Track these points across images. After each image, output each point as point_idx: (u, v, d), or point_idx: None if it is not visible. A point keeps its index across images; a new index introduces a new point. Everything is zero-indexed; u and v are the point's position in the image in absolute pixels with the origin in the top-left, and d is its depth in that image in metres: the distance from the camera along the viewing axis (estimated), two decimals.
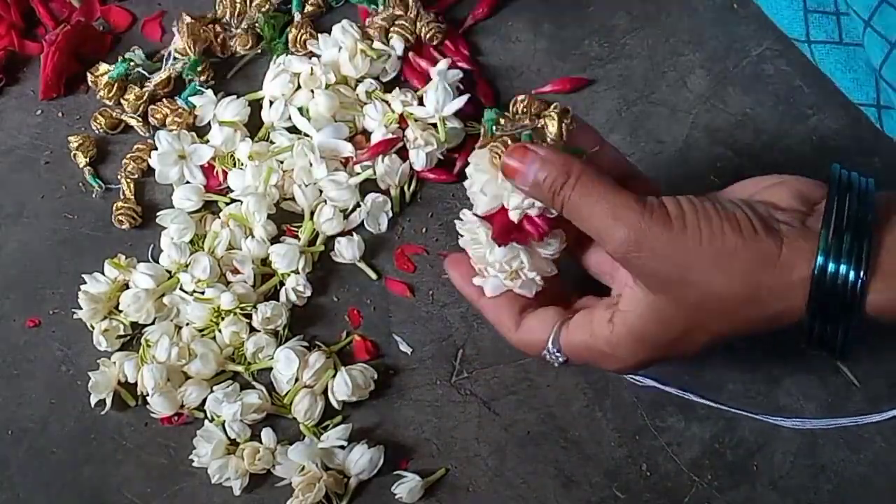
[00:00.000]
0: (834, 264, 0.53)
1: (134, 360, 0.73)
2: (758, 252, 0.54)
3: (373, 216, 0.77)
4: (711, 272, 0.55)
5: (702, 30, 0.82)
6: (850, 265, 0.53)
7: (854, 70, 0.76)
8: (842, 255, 0.53)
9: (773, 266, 0.54)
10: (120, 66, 0.82)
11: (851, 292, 0.53)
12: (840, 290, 0.53)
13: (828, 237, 0.54)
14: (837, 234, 0.53)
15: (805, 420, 0.69)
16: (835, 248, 0.53)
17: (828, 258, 0.53)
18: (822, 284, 0.54)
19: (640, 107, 0.80)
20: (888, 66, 0.69)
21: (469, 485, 0.70)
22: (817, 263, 0.53)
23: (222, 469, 0.69)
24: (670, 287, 0.56)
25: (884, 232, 0.54)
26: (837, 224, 0.54)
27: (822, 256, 0.53)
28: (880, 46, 0.69)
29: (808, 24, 0.77)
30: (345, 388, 0.71)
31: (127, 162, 0.81)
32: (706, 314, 0.56)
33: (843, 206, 0.54)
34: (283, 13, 0.86)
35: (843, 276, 0.53)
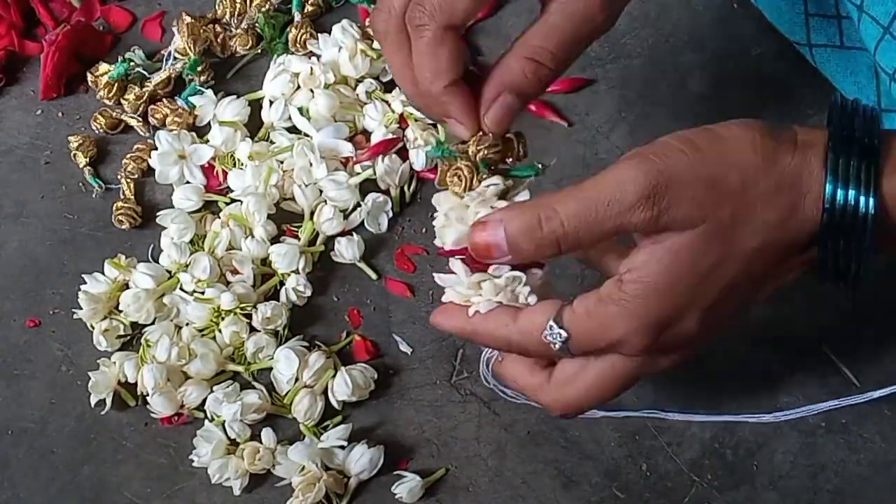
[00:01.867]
0: (843, 190, 0.51)
1: (134, 360, 0.72)
2: (773, 132, 0.52)
3: (373, 216, 0.77)
4: (733, 176, 0.52)
5: (702, 30, 0.82)
6: (858, 188, 0.51)
7: (855, 73, 0.76)
8: (849, 179, 0.51)
9: (790, 144, 0.52)
10: (120, 66, 0.82)
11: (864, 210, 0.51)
12: (851, 210, 0.51)
13: (837, 163, 0.51)
14: (844, 159, 0.51)
15: (791, 412, 0.69)
16: (843, 172, 0.51)
17: (836, 183, 0.51)
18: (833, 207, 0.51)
19: (640, 107, 0.80)
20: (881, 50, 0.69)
21: (469, 485, 0.70)
22: (826, 189, 0.51)
23: (222, 469, 0.69)
24: (706, 206, 0.52)
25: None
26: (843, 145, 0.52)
27: (830, 183, 0.51)
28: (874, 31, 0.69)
29: (809, 27, 0.77)
30: (345, 388, 0.71)
31: (127, 162, 0.81)
32: (738, 231, 0.52)
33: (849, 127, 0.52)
34: (283, 13, 0.86)
35: (853, 197, 0.51)
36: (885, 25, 0.67)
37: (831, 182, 0.51)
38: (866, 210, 0.51)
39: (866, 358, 0.71)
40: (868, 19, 0.68)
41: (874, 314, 0.72)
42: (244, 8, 0.86)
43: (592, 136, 0.79)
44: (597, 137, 0.79)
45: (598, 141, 0.79)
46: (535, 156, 0.79)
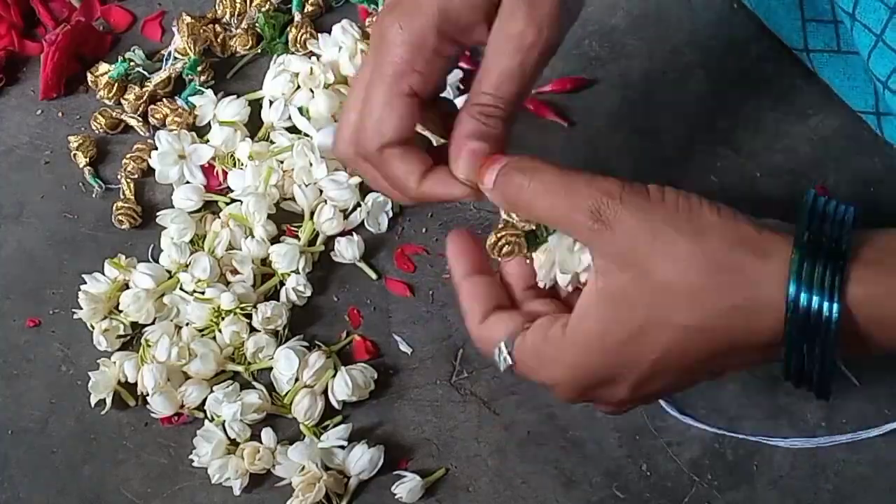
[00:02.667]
0: (806, 294, 0.49)
1: (134, 360, 0.73)
2: (735, 231, 0.51)
3: (373, 216, 0.77)
4: (684, 244, 0.50)
5: (702, 30, 0.82)
6: (822, 296, 0.49)
7: (852, 78, 0.76)
8: (813, 285, 0.49)
9: (748, 247, 0.50)
10: (120, 66, 0.82)
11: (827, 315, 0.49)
12: (815, 315, 0.49)
13: (801, 263, 0.49)
14: (810, 261, 0.49)
15: (797, 440, 0.69)
16: (807, 276, 0.49)
17: (799, 288, 0.49)
18: (797, 308, 0.50)
19: (640, 107, 0.80)
20: None
21: (469, 485, 0.70)
22: (789, 291, 0.49)
23: (222, 469, 0.69)
24: (636, 259, 0.51)
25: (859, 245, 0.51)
26: (810, 249, 0.50)
27: (793, 285, 0.49)
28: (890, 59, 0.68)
29: (806, 33, 0.77)
30: (345, 388, 0.71)
31: (127, 162, 0.81)
32: (672, 297, 0.51)
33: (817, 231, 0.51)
34: (283, 13, 0.86)
35: (816, 304, 0.49)
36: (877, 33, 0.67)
37: (794, 284, 0.49)
38: (830, 315, 0.49)
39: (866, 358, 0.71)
40: (860, 27, 0.68)
41: None
42: (244, 8, 0.86)
43: (592, 136, 0.79)
44: (597, 137, 0.79)
45: (598, 141, 0.79)
46: None
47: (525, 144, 0.79)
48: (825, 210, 0.52)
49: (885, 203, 0.75)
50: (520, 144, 0.79)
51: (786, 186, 0.76)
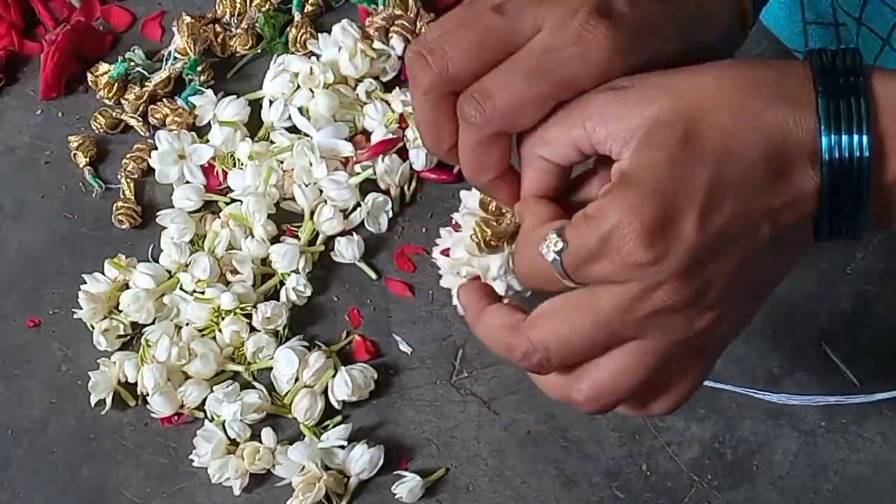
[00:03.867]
0: (836, 136, 0.47)
1: (134, 360, 0.73)
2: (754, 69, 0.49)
3: (373, 216, 0.77)
4: (709, 68, 0.48)
5: None
6: (852, 133, 0.47)
7: None
8: (841, 120, 0.47)
9: (771, 67, 0.49)
10: (120, 66, 0.82)
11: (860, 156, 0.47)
12: (848, 153, 0.47)
13: (827, 104, 0.47)
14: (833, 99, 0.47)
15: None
16: (834, 114, 0.47)
17: (829, 126, 0.47)
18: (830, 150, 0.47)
19: None
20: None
21: (469, 485, 0.70)
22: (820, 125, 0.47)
23: (222, 469, 0.69)
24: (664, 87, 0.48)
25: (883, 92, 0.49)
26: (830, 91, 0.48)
27: (824, 129, 0.47)
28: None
29: (807, 35, 0.77)
30: (345, 388, 0.71)
31: (127, 162, 0.81)
32: (712, 101, 0.48)
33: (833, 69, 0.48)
34: (283, 13, 0.86)
35: (847, 142, 0.47)
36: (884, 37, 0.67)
37: (825, 127, 0.47)
38: (861, 148, 0.47)
39: (866, 358, 0.71)
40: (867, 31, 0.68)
41: (874, 314, 0.72)
42: (244, 8, 0.86)
43: None
44: None
45: None
46: None
47: None
48: (833, 55, 0.49)
49: None
50: None
51: None
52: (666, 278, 0.48)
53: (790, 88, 0.48)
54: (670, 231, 0.47)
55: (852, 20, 0.68)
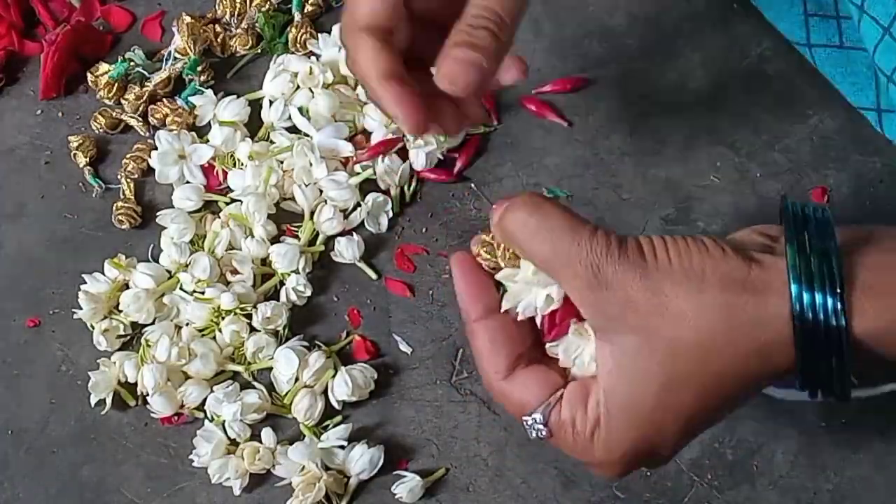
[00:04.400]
0: (808, 293, 0.48)
1: (134, 360, 0.73)
2: (728, 270, 0.49)
3: (373, 216, 0.77)
4: (684, 298, 0.49)
5: (702, 30, 0.82)
6: (824, 290, 0.48)
7: (854, 74, 0.76)
8: (814, 280, 0.48)
9: (743, 286, 0.49)
10: (120, 66, 0.82)
11: (834, 318, 0.48)
12: (822, 317, 0.48)
13: (796, 261, 0.48)
14: (804, 259, 0.48)
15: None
16: (805, 273, 0.48)
17: (801, 286, 0.48)
18: (803, 313, 0.48)
19: (640, 107, 0.80)
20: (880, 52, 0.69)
21: (469, 485, 0.70)
22: (792, 292, 0.48)
23: (222, 469, 0.69)
24: (639, 320, 0.49)
25: (857, 255, 0.49)
26: (801, 248, 0.49)
27: (795, 284, 0.48)
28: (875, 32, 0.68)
29: (809, 27, 0.77)
30: (345, 388, 0.71)
31: (127, 162, 0.81)
32: (686, 351, 0.49)
33: (801, 232, 0.49)
34: (283, 13, 0.86)
35: (821, 303, 0.48)
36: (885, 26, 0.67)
37: (795, 284, 0.48)
38: (835, 311, 0.48)
39: None
40: (868, 20, 0.68)
41: None
42: (244, 8, 0.86)
43: (592, 136, 0.79)
44: (597, 137, 0.79)
45: (598, 141, 0.79)
46: (536, 156, 0.79)
47: (525, 144, 0.79)
48: (804, 213, 0.51)
49: (885, 203, 0.75)
50: (520, 144, 0.80)
51: (786, 186, 0.76)
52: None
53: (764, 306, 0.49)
54: (650, 457, 0.53)
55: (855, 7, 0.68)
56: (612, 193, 0.77)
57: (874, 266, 0.49)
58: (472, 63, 0.55)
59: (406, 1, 0.58)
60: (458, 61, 0.55)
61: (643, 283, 0.49)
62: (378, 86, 0.57)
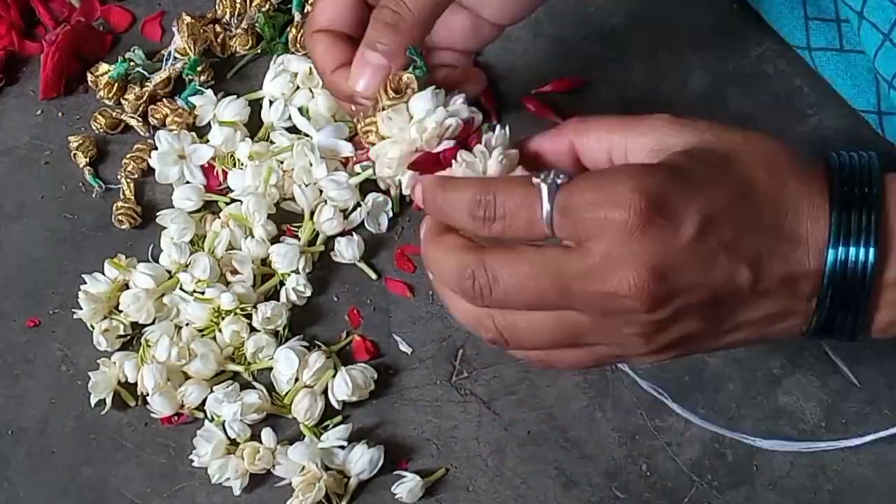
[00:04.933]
0: (844, 247, 0.50)
1: (134, 360, 0.72)
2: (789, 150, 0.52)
3: (373, 216, 0.77)
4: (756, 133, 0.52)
5: (702, 30, 0.82)
6: (859, 244, 0.50)
7: (854, 77, 0.76)
8: (850, 236, 0.50)
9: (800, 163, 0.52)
10: (120, 66, 0.82)
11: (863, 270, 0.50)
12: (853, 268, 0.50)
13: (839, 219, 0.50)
14: (845, 216, 0.50)
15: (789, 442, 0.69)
16: (844, 231, 0.50)
17: (838, 242, 0.50)
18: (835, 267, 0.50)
19: (640, 107, 0.80)
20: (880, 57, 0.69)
21: (469, 485, 0.70)
22: (828, 252, 0.50)
23: (222, 469, 0.69)
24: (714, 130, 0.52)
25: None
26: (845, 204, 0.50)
27: (833, 241, 0.50)
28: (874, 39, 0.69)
29: (809, 31, 0.77)
30: (345, 388, 0.71)
31: (127, 162, 0.81)
32: (751, 146, 0.51)
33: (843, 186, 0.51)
34: (283, 13, 0.86)
35: (853, 257, 0.50)
36: (885, 32, 0.67)
37: (834, 234, 0.50)
38: (866, 259, 0.50)
39: (866, 358, 0.71)
40: (868, 25, 0.68)
41: None
42: (244, 8, 0.86)
43: None
44: None
45: None
46: None
47: None
48: (850, 162, 0.52)
49: None
50: None
51: None
52: (640, 266, 0.48)
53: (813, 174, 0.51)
54: (669, 217, 0.48)
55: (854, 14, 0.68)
56: None
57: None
58: (374, 65, 0.58)
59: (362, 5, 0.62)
60: (359, 63, 0.59)
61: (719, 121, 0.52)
62: (331, 77, 0.61)
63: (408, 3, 0.58)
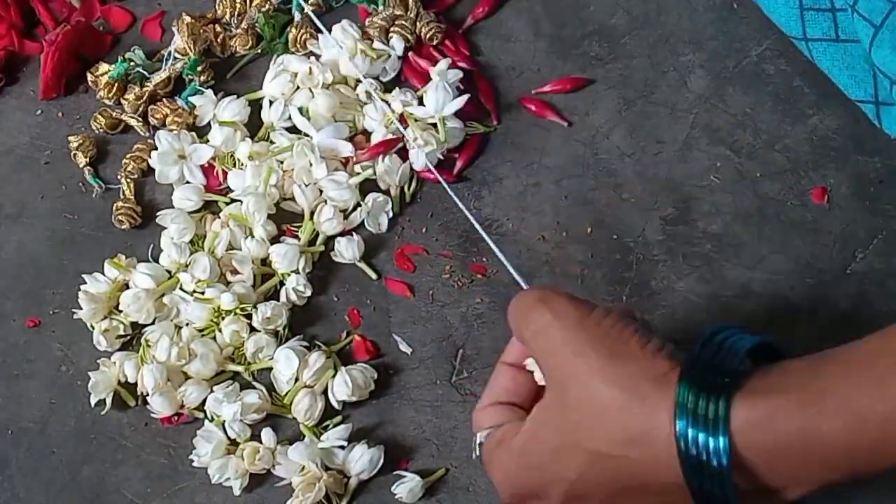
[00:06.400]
0: (693, 430, 0.49)
1: (134, 360, 0.73)
2: (651, 365, 0.51)
3: (373, 216, 0.77)
4: (598, 367, 0.52)
5: (702, 30, 0.82)
6: (707, 430, 0.49)
7: (851, 67, 0.76)
8: (699, 420, 0.49)
9: (656, 382, 0.51)
10: (120, 66, 0.82)
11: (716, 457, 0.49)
12: (705, 456, 0.49)
13: (685, 400, 0.50)
14: (693, 396, 0.49)
15: None
16: (692, 413, 0.49)
17: (687, 425, 0.49)
18: (688, 450, 0.49)
19: (640, 107, 0.80)
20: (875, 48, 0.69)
21: (469, 485, 0.70)
22: (677, 429, 0.49)
23: (222, 469, 0.69)
24: (559, 377, 0.54)
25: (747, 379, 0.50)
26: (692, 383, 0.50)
27: (681, 422, 0.49)
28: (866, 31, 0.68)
29: (805, 21, 0.77)
30: (345, 388, 0.71)
31: (127, 162, 0.81)
32: (581, 419, 0.52)
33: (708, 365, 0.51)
34: (283, 13, 0.86)
35: (703, 443, 0.49)
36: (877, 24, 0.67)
37: (681, 421, 0.49)
38: (719, 450, 0.49)
39: None
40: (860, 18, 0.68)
41: (874, 314, 0.72)
42: (244, 8, 0.86)
43: (592, 136, 0.79)
44: (597, 137, 0.79)
45: (598, 141, 0.79)
46: (535, 155, 0.79)
47: (525, 144, 0.79)
48: (721, 342, 0.52)
49: (885, 203, 0.75)
50: (520, 144, 0.80)
51: (786, 186, 0.76)
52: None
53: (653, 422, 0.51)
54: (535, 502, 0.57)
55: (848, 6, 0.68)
56: (611, 193, 0.77)
57: (764, 374, 0.51)
58: None
59: None
60: None
61: (570, 343, 0.53)
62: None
63: None
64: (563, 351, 0.53)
